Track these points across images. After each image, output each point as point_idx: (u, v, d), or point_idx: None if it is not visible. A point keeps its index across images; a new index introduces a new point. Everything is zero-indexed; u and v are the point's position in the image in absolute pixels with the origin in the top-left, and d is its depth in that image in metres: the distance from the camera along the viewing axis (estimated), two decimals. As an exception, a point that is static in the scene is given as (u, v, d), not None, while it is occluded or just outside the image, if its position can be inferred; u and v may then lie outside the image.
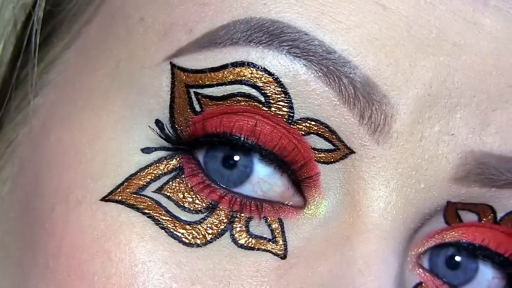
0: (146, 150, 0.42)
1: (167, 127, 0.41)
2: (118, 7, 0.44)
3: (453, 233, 0.44)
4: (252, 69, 0.40)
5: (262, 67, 0.40)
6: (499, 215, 0.43)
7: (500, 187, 0.42)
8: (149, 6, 0.42)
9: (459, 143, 0.41)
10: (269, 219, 0.41)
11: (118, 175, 0.41)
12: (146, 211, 0.41)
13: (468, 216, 0.43)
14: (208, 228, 0.41)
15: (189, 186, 0.41)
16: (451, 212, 0.43)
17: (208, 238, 0.41)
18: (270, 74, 0.40)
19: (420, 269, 0.44)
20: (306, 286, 0.40)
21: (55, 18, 0.46)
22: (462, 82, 0.40)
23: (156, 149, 0.42)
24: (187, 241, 0.41)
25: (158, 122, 0.41)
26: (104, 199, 0.41)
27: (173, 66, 0.41)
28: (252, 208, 0.41)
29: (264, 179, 0.42)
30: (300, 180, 0.41)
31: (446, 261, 0.45)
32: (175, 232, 0.41)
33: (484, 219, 0.44)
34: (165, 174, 0.41)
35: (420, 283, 0.44)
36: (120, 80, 0.42)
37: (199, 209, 0.41)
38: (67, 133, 0.43)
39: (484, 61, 0.40)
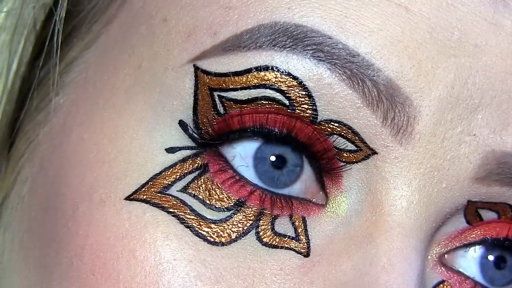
0: (170, 150, 0.42)
1: (190, 127, 0.42)
2: (139, 7, 0.44)
3: (476, 231, 0.44)
4: (276, 73, 0.40)
5: (287, 71, 0.40)
6: None
7: None
8: (171, 6, 0.42)
9: (480, 143, 0.41)
10: (293, 217, 0.42)
11: (142, 175, 0.42)
12: (171, 210, 0.41)
13: (488, 215, 0.44)
14: (233, 227, 0.41)
15: (216, 183, 0.41)
16: (471, 211, 0.43)
17: (233, 237, 0.41)
18: (294, 78, 0.40)
19: (442, 268, 0.44)
20: (330, 283, 0.41)
21: (75, 18, 0.46)
22: (483, 83, 0.41)
23: (180, 148, 0.42)
24: (212, 240, 0.41)
25: (181, 123, 0.42)
26: (129, 198, 0.41)
27: (196, 68, 0.41)
28: (282, 205, 0.41)
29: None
30: (324, 170, 0.41)
31: (494, 263, 0.45)
32: (200, 231, 0.41)
33: (503, 217, 0.44)
34: (190, 172, 0.42)
35: (442, 281, 0.44)
36: (142, 80, 0.43)
37: (226, 206, 0.41)
38: (88, 132, 0.43)
39: (504, 61, 0.41)
